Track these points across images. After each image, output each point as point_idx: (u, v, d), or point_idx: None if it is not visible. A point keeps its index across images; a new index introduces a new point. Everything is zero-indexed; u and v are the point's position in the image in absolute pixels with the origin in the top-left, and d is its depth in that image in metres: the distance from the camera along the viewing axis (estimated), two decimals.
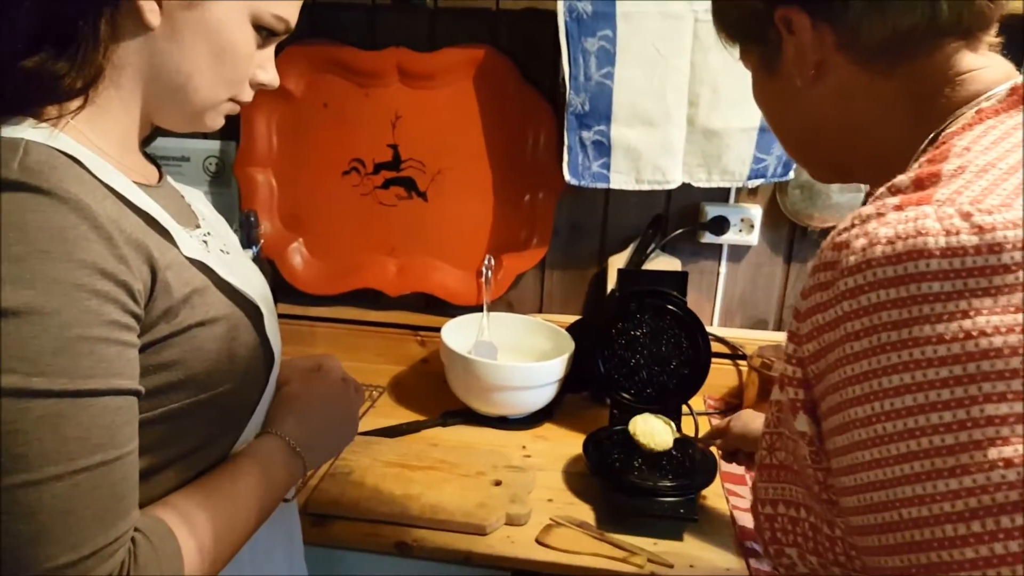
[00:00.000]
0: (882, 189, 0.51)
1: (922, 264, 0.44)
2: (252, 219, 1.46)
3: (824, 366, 0.49)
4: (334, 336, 1.59)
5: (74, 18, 0.59)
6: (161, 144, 1.56)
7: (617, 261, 1.48)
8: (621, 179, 1.38)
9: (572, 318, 1.50)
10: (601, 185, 1.38)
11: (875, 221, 0.47)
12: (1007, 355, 0.41)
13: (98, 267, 0.54)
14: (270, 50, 0.71)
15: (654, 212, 1.47)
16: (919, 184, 0.49)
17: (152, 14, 0.61)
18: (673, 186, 1.38)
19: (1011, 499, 0.41)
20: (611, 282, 1.47)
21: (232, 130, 1.51)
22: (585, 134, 1.35)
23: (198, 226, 0.74)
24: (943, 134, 0.54)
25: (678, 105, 1.33)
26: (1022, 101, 0.52)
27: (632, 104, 1.33)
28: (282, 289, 1.55)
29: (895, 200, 0.47)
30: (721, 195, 1.46)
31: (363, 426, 1.32)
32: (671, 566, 1.01)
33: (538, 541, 1.05)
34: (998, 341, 0.42)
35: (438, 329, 1.42)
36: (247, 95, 0.71)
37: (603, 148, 1.35)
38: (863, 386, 0.46)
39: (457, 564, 1.05)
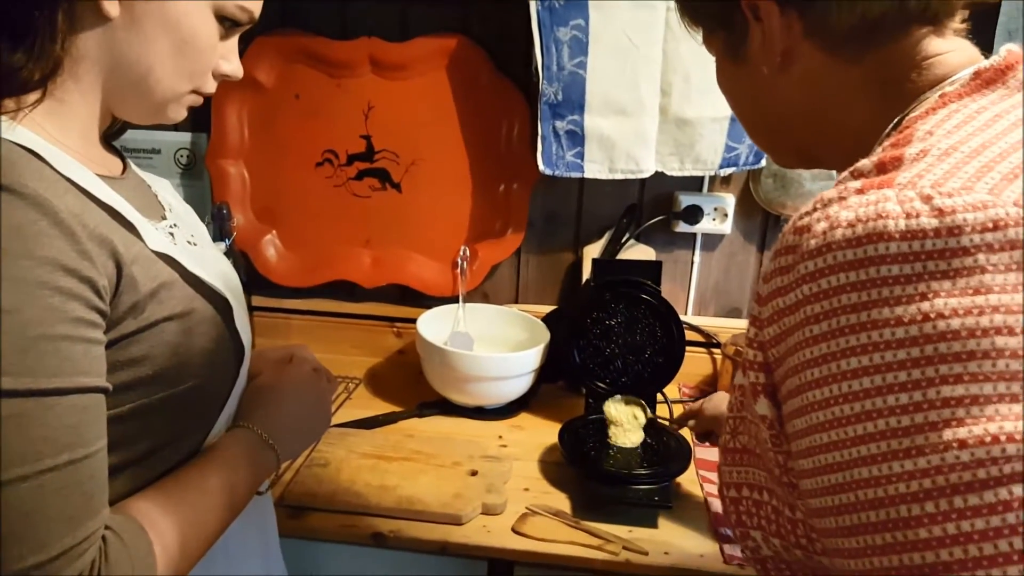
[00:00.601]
0: (845, 173, 0.51)
1: (882, 247, 0.44)
2: (224, 211, 1.44)
3: (784, 349, 0.49)
4: (309, 328, 1.58)
5: (30, 9, 0.58)
6: (131, 136, 1.53)
7: (592, 251, 1.48)
8: (595, 168, 1.38)
9: (548, 308, 1.50)
10: (575, 175, 1.38)
11: (837, 205, 0.47)
12: (964, 337, 0.42)
13: (60, 264, 0.53)
14: (233, 41, 0.70)
15: (628, 202, 1.47)
16: (882, 168, 0.49)
17: (111, 5, 0.60)
18: (646, 175, 1.39)
19: (964, 480, 0.41)
20: (586, 272, 1.47)
21: (203, 122, 1.49)
22: (559, 124, 1.35)
23: (164, 217, 0.73)
24: (907, 118, 0.54)
25: (651, 94, 1.34)
26: (985, 85, 0.53)
27: (605, 93, 1.33)
28: (256, 282, 1.54)
29: (857, 184, 0.48)
30: (695, 184, 1.47)
31: (340, 418, 1.32)
32: (646, 553, 1.02)
33: (514, 530, 1.05)
34: (955, 323, 0.42)
35: (414, 320, 1.41)
36: (210, 86, 0.70)
37: (577, 138, 1.35)
38: (821, 368, 0.46)
39: (433, 554, 1.05)
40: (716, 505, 1.13)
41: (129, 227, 0.62)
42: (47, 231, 0.53)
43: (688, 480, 1.19)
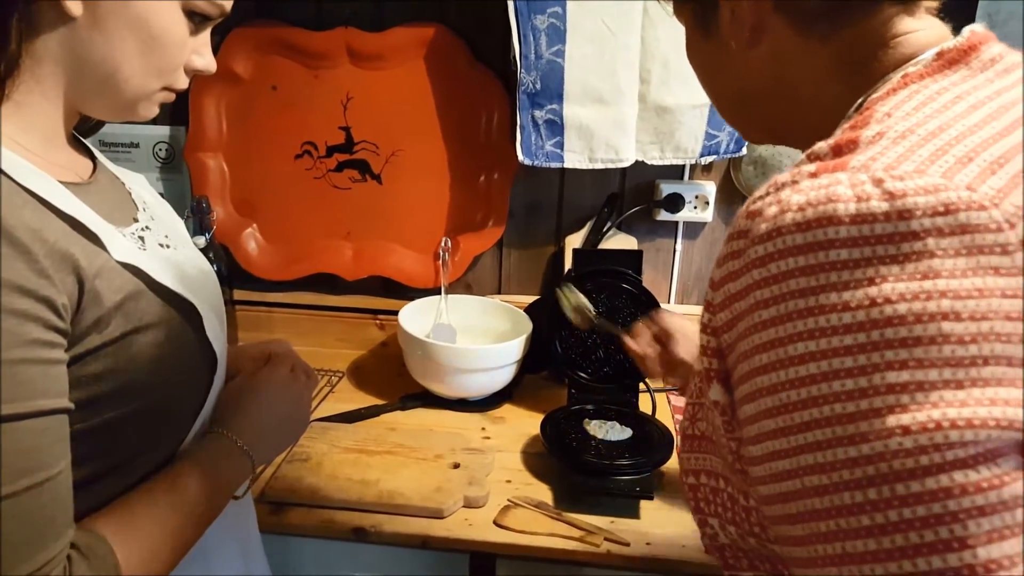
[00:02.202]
0: (801, 157, 0.51)
1: (831, 231, 0.43)
2: (204, 205, 1.43)
3: (735, 335, 0.49)
4: (292, 322, 1.57)
5: None
6: (109, 130, 1.52)
7: (573, 241, 1.48)
8: (575, 158, 1.37)
9: (531, 298, 1.50)
10: (555, 164, 1.37)
11: (789, 188, 0.46)
12: (911, 322, 0.41)
13: (15, 285, 0.52)
14: (205, 35, 0.68)
15: (610, 191, 1.47)
16: (838, 151, 0.48)
17: (73, 4, 0.58)
18: (626, 164, 1.38)
19: (907, 467, 0.41)
20: (568, 262, 1.47)
21: (181, 115, 1.48)
22: (537, 113, 1.34)
23: (136, 219, 0.71)
24: (869, 99, 0.53)
25: (629, 82, 1.33)
26: (948, 65, 0.52)
27: (583, 82, 1.32)
28: (238, 275, 1.53)
29: (811, 167, 0.47)
30: (676, 172, 1.46)
31: (322, 411, 1.32)
32: (627, 544, 1.02)
33: (496, 523, 1.06)
34: (902, 308, 0.41)
35: (397, 312, 1.41)
36: (182, 82, 0.68)
37: (556, 127, 1.35)
38: (770, 354, 0.46)
39: (415, 548, 1.05)
40: None
41: (93, 238, 0.60)
42: (3, 252, 0.52)
43: (671, 469, 1.19)
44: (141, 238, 0.69)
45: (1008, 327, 0.41)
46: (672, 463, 1.17)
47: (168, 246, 0.73)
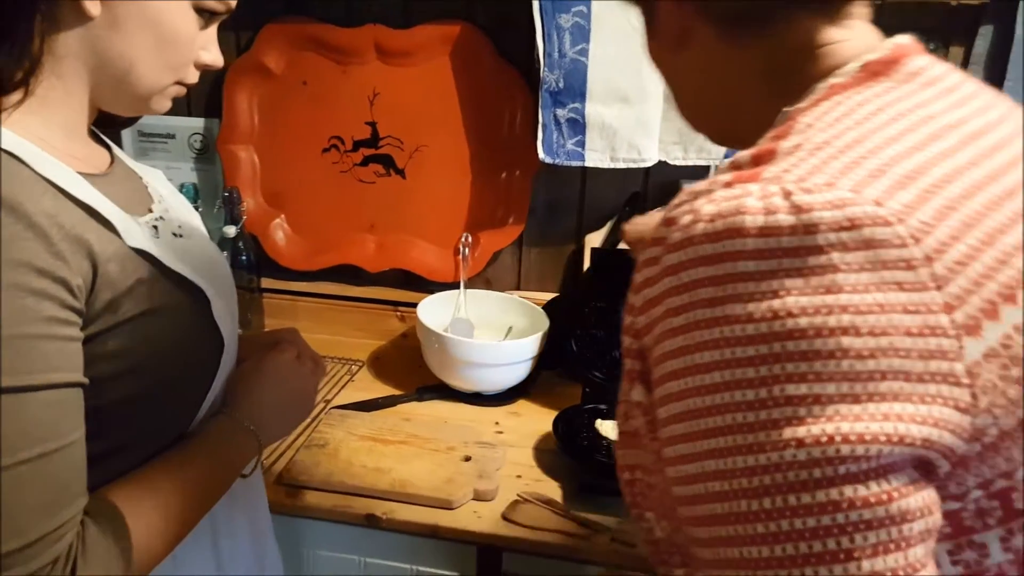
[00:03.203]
0: (724, 164, 0.51)
1: (739, 243, 0.43)
2: (235, 196, 1.47)
3: (651, 340, 0.50)
4: (316, 311, 1.61)
5: (8, 11, 0.59)
6: (147, 122, 1.57)
7: (594, 239, 1.49)
8: (596, 157, 1.38)
9: (549, 295, 1.51)
10: (575, 163, 1.38)
11: (704, 198, 0.46)
12: (811, 336, 0.41)
13: (33, 266, 0.55)
14: (212, 31, 0.71)
15: (632, 190, 1.47)
16: (757, 160, 0.49)
17: (92, 4, 0.62)
18: (648, 164, 1.38)
19: (800, 478, 0.42)
20: (587, 261, 1.48)
21: (215, 108, 1.52)
22: (559, 112, 1.35)
23: (150, 210, 0.75)
24: (794, 109, 0.52)
25: (654, 82, 1.32)
26: (871, 77, 0.52)
27: (607, 81, 1.32)
28: (266, 264, 1.57)
29: (727, 176, 0.47)
30: (701, 173, 1.45)
31: (341, 399, 1.36)
32: (633, 545, 1.03)
33: (504, 517, 1.07)
34: (803, 322, 0.42)
35: (417, 305, 1.43)
36: (192, 77, 0.71)
37: (577, 126, 1.35)
38: (678, 361, 0.46)
39: (424, 537, 1.08)
40: None
41: (107, 225, 0.64)
42: (20, 234, 0.55)
43: None
44: (155, 227, 0.72)
45: (907, 342, 0.41)
46: None
47: (181, 236, 0.77)
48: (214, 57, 0.72)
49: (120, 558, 0.61)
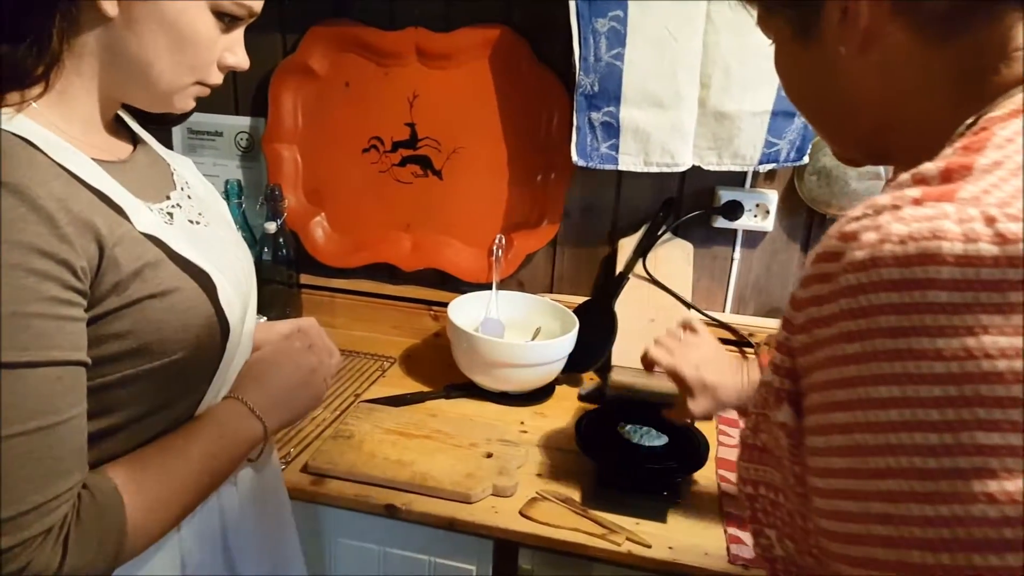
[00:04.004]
0: (904, 176, 0.46)
1: (932, 270, 0.39)
2: (277, 193, 1.52)
3: (813, 362, 0.46)
4: (352, 307, 1.64)
5: (29, 10, 0.62)
6: (196, 119, 1.63)
7: (628, 244, 1.48)
8: (629, 161, 1.38)
9: (581, 298, 1.51)
10: (609, 167, 1.38)
11: (889, 214, 0.42)
12: (1009, 381, 0.38)
13: (36, 247, 0.57)
14: (238, 33, 0.73)
15: (667, 195, 1.46)
16: (947, 176, 0.44)
17: (110, 5, 0.64)
18: (682, 169, 1.37)
19: (989, 537, 0.38)
20: (620, 264, 1.48)
21: (261, 107, 1.57)
22: (594, 115, 1.35)
23: (168, 197, 0.77)
24: (986, 118, 0.48)
25: (689, 87, 1.32)
26: None
27: (642, 85, 1.32)
28: (304, 261, 1.61)
29: (915, 192, 0.42)
30: (736, 179, 1.45)
31: (371, 394, 1.38)
32: (649, 546, 1.02)
33: (521, 513, 1.08)
34: (1002, 365, 0.38)
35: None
36: (215, 78, 0.73)
37: (612, 129, 1.36)
38: (849, 391, 0.43)
39: (442, 529, 1.08)
40: (730, 505, 1.12)
41: (118, 210, 0.66)
42: (25, 217, 0.57)
43: (705, 477, 1.18)
44: (170, 214, 0.74)
45: None
46: (704, 472, 1.16)
47: (199, 223, 0.79)
48: (239, 60, 0.73)
49: (115, 531, 0.63)
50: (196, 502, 0.73)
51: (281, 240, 1.54)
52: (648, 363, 1.02)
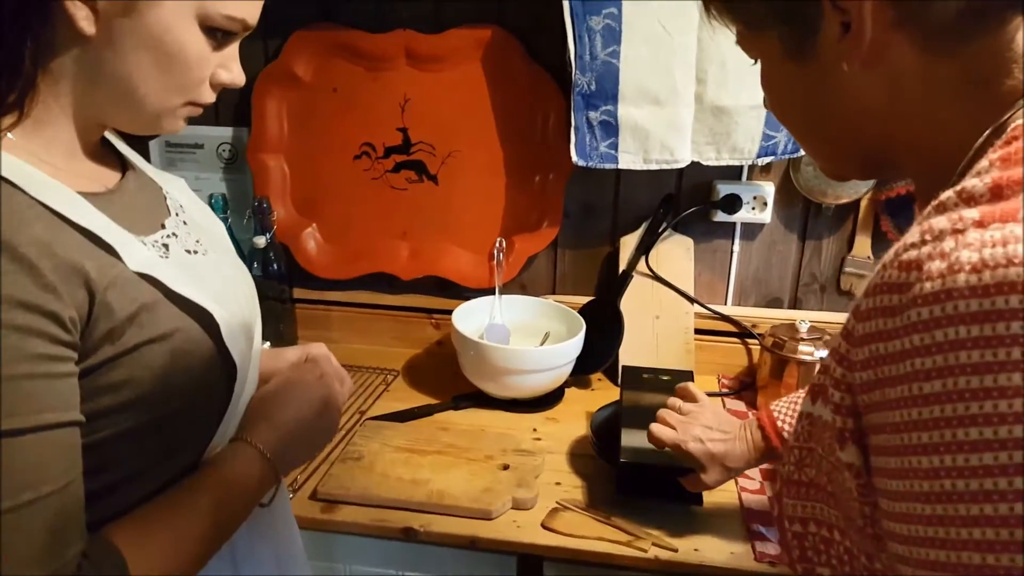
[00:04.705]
0: (949, 194, 0.44)
1: (1013, 299, 0.37)
2: (265, 205, 1.47)
3: (880, 399, 0.44)
4: (349, 320, 1.61)
5: None
6: None
7: (629, 241, 1.47)
8: (629, 159, 1.36)
9: (585, 299, 1.50)
10: (609, 166, 1.36)
11: (951, 239, 0.40)
12: None
13: (17, 300, 0.52)
14: (232, 49, 0.67)
15: (665, 191, 1.45)
16: (997, 192, 0.42)
17: (86, 22, 0.59)
18: (681, 165, 1.36)
19: None
20: (623, 262, 1.46)
21: (244, 116, 1.52)
22: (592, 114, 1.33)
23: (163, 225, 0.71)
24: (1014, 127, 0.46)
25: (686, 83, 1.31)
26: None
27: (639, 83, 1.30)
28: (297, 274, 1.57)
29: (974, 214, 0.41)
30: (733, 173, 1.43)
31: (376, 410, 1.35)
32: (676, 550, 1.02)
33: (544, 525, 1.06)
34: None
35: (452, 312, 1.42)
36: (207, 97, 0.68)
37: (610, 128, 1.34)
38: (932, 434, 0.40)
39: (463, 549, 1.06)
40: (749, 502, 1.12)
41: (108, 249, 0.60)
42: (4, 268, 0.52)
43: None
44: (165, 245, 0.69)
45: None
46: None
47: (197, 251, 0.73)
48: (234, 76, 0.68)
49: None
50: (207, 558, 0.67)
51: (271, 254, 1.49)
52: (656, 442, 1.03)
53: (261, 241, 1.47)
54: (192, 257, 0.72)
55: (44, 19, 0.58)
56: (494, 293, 1.48)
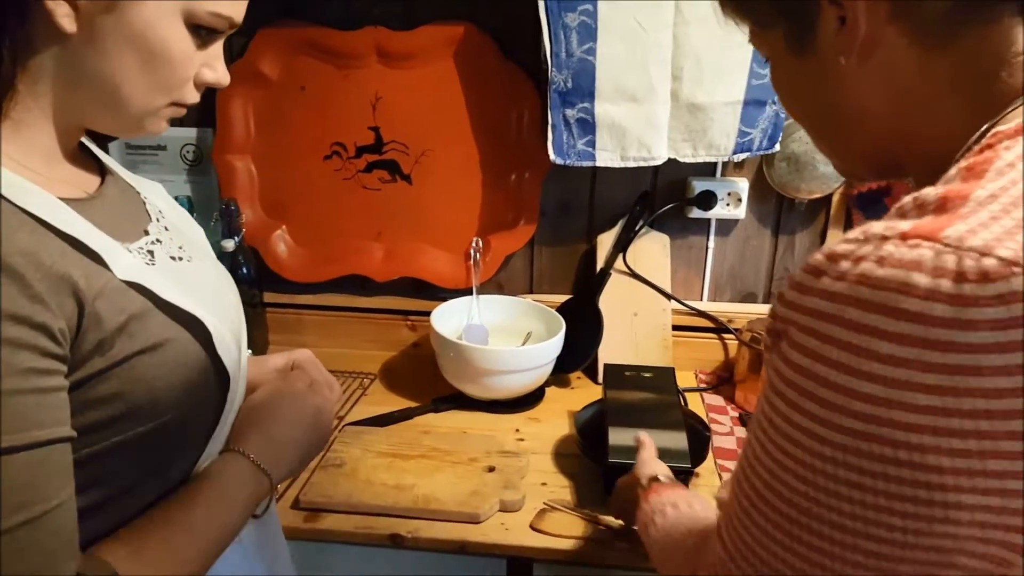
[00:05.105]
0: (909, 198, 0.46)
1: (889, 323, 0.41)
2: (233, 208, 1.43)
3: (777, 359, 0.49)
4: (322, 324, 1.57)
5: None
6: None
7: (606, 239, 1.47)
8: (606, 156, 1.35)
9: (563, 297, 1.49)
10: (586, 163, 1.36)
11: (873, 246, 0.43)
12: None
13: (7, 313, 0.50)
14: (217, 47, 0.65)
15: (641, 189, 1.45)
16: (942, 205, 0.43)
17: (67, 19, 0.56)
18: (658, 162, 1.36)
19: None
20: (600, 260, 1.46)
21: (208, 116, 1.47)
22: (569, 112, 1.32)
23: (146, 232, 0.69)
24: (993, 132, 0.47)
25: (662, 80, 1.31)
26: None
27: (615, 80, 1.30)
28: (268, 278, 1.53)
29: (905, 226, 0.43)
30: (708, 169, 1.44)
31: (355, 415, 1.32)
32: None
33: (532, 527, 1.05)
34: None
35: (428, 313, 1.40)
36: (191, 97, 0.65)
37: (587, 125, 1.33)
38: (767, 393, 0.48)
39: (452, 554, 1.05)
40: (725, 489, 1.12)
41: (94, 257, 0.58)
42: None
43: (707, 470, 1.18)
44: (150, 252, 0.67)
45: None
46: (706, 465, 1.16)
47: (182, 258, 0.71)
48: (218, 76, 0.66)
49: None
50: (204, 570, 0.65)
51: (240, 258, 1.45)
52: None
53: (230, 244, 1.43)
54: (178, 264, 0.70)
55: (23, 16, 0.55)
56: (470, 293, 1.46)
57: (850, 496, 0.44)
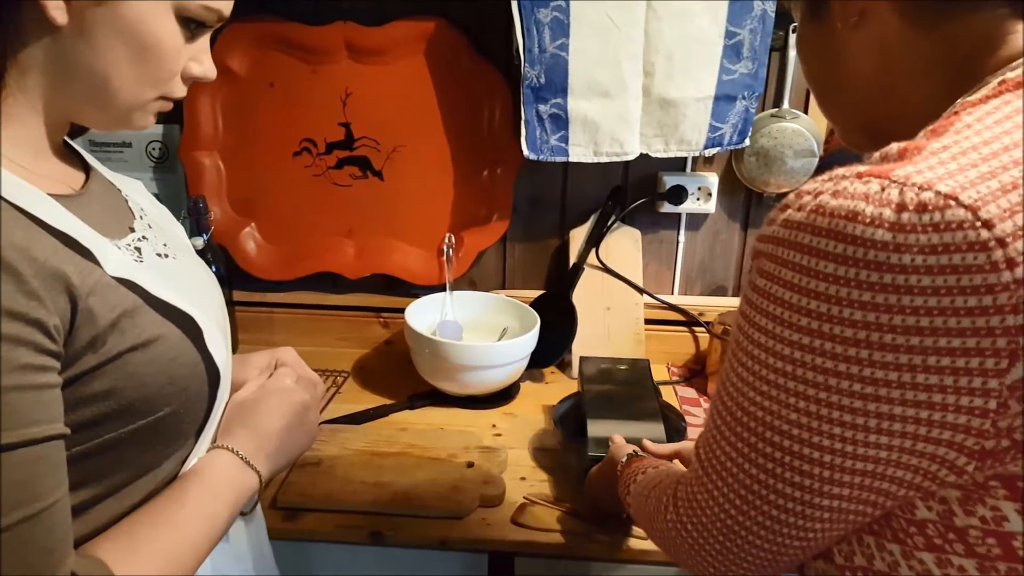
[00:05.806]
0: (875, 154, 0.51)
1: (820, 241, 0.46)
2: (201, 205, 1.41)
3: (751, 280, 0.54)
4: (293, 322, 1.55)
5: None
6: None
7: (578, 234, 1.47)
8: (580, 152, 1.36)
9: (535, 293, 1.49)
10: (560, 159, 1.36)
11: (833, 184, 0.48)
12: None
13: (3, 308, 0.50)
14: (204, 41, 0.66)
15: (613, 184, 1.46)
16: (902, 154, 0.48)
17: (58, 11, 0.56)
18: (631, 157, 1.37)
19: None
20: (573, 255, 1.46)
21: (175, 113, 1.43)
22: (542, 108, 1.32)
23: (132, 229, 0.69)
24: (960, 102, 0.51)
25: (633, 75, 1.32)
26: None
27: (588, 75, 1.31)
28: (237, 276, 1.51)
29: (863, 168, 0.47)
30: (678, 164, 1.46)
31: (330, 413, 1.31)
32: (645, 538, 1.02)
33: (513, 521, 1.05)
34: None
35: (401, 310, 1.40)
36: (179, 91, 0.65)
37: (561, 121, 1.33)
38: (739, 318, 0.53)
39: (434, 550, 1.04)
40: None
41: (85, 253, 0.58)
42: None
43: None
44: (138, 249, 0.66)
45: None
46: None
47: (167, 255, 0.71)
48: (205, 69, 0.66)
49: None
50: (195, 566, 0.65)
51: (209, 256, 1.42)
52: None
53: (198, 243, 1.40)
54: (164, 261, 0.69)
55: (12, 7, 0.55)
56: (443, 290, 1.46)
57: (796, 406, 0.48)
